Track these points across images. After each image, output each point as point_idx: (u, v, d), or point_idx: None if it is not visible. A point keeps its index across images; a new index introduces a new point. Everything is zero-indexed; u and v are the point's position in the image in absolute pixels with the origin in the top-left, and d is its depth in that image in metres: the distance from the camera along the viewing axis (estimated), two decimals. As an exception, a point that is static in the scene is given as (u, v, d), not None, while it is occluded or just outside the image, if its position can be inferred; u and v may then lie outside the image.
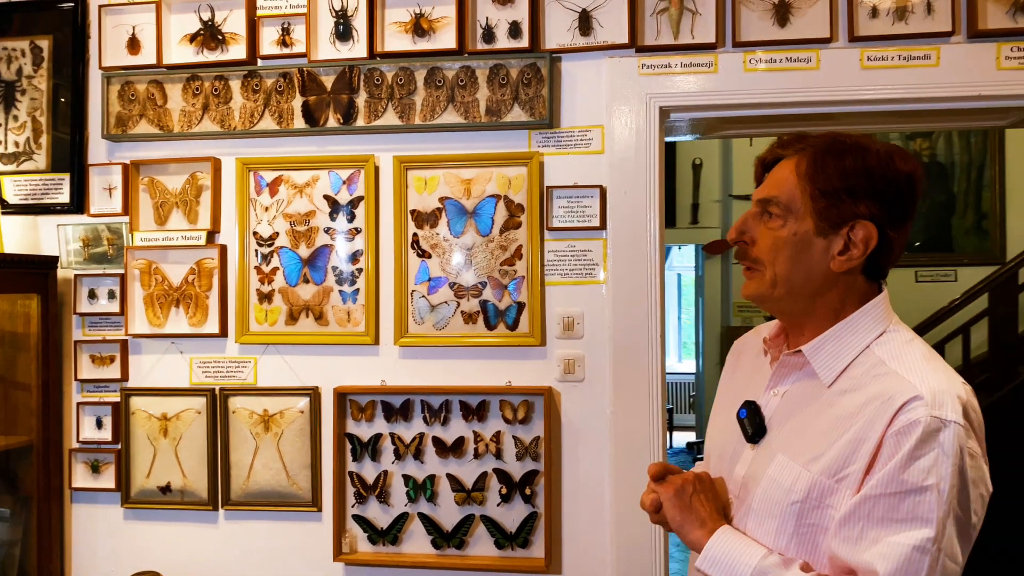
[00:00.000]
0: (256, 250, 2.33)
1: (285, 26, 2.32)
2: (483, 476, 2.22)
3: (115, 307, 2.38)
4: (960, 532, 1.02)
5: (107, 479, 2.38)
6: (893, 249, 1.15)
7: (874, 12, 2.10)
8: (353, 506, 2.27)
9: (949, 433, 1.01)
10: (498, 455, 2.21)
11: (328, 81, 2.29)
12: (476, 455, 2.22)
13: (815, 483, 1.09)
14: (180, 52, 2.37)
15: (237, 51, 2.34)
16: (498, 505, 2.21)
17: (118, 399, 2.38)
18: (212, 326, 2.34)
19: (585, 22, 2.20)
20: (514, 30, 2.23)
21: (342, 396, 2.26)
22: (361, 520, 2.26)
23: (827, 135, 1.17)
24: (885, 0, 2.10)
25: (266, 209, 2.33)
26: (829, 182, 1.13)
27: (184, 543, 2.36)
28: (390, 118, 2.27)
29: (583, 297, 2.20)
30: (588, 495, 2.20)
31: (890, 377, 1.08)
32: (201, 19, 2.35)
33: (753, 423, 1.21)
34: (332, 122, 2.28)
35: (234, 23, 2.34)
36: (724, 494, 1.25)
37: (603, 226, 2.19)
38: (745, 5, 2.15)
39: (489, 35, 2.24)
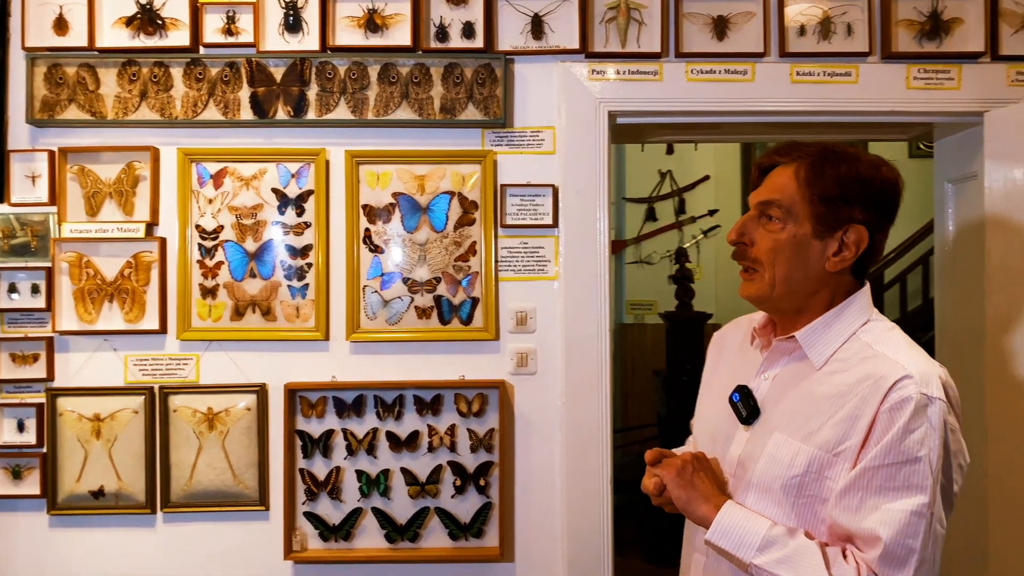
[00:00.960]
0: (199, 244, 2.26)
1: (230, 14, 2.26)
2: (437, 469, 2.25)
3: (39, 302, 2.24)
4: (945, 498, 1.15)
5: (30, 485, 2.24)
6: (878, 250, 1.28)
7: (802, 30, 2.28)
8: (304, 503, 2.24)
9: (935, 409, 1.13)
10: (452, 448, 2.25)
11: (278, 73, 2.25)
12: (430, 448, 2.25)
13: (814, 457, 1.19)
14: (114, 35, 2.26)
15: (178, 37, 2.26)
16: (452, 497, 2.25)
17: (43, 400, 2.24)
18: (151, 322, 2.24)
19: (537, 26, 2.27)
20: (468, 30, 2.27)
21: (292, 392, 2.23)
22: (312, 517, 2.23)
23: (819, 144, 1.29)
24: (811, 19, 2.28)
25: (210, 201, 2.26)
26: (827, 188, 1.23)
27: (118, 549, 2.25)
28: (342, 112, 2.25)
29: (536, 292, 2.27)
30: (540, 484, 2.27)
31: (879, 359, 1.19)
32: (138, 2, 2.25)
33: (747, 406, 1.30)
34: (282, 114, 2.25)
35: (175, 8, 2.26)
36: (720, 473, 1.35)
37: (555, 224, 2.26)
38: (687, 18, 2.28)
39: (443, 34, 2.27)
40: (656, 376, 5.24)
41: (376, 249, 2.27)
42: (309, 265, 2.27)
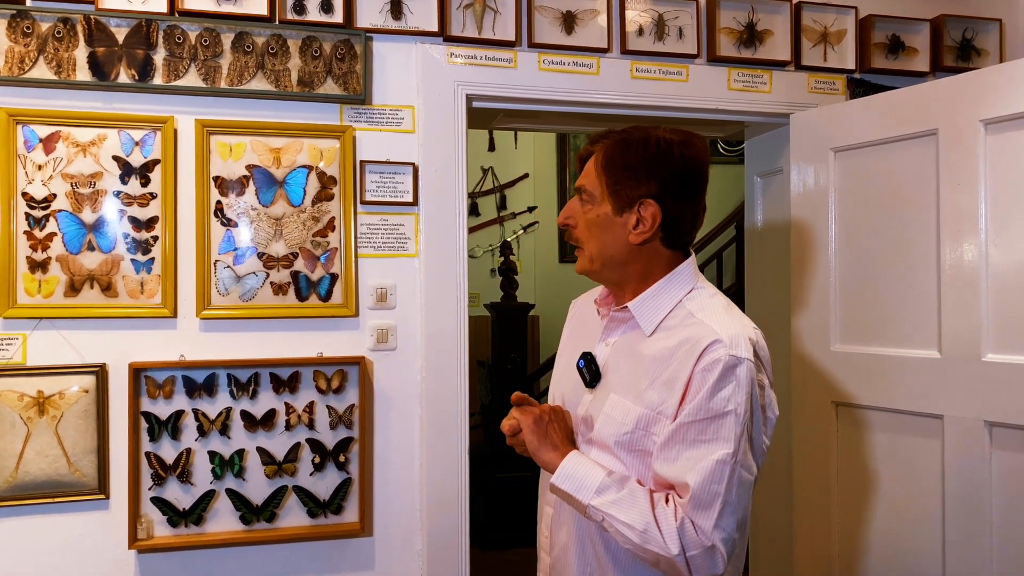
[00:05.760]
0: (27, 213, 2.07)
1: (64, -34, 2.09)
2: (295, 447, 2.21)
3: None
4: (753, 448, 1.30)
5: None
6: (683, 220, 1.40)
7: (640, 31, 2.48)
8: (150, 488, 2.12)
9: (743, 368, 1.26)
10: (311, 425, 2.22)
11: (120, 33, 2.11)
12: (288, 427, 2.21)
13: (641, 415, 1.33)
14: (-79, -22, 2.02)
15: (1, -14, 2.06)
16: (311, 475, 2.22)
17: None
18: (-32, 298, 2.03)
19: (396, 7, 2.30)
20: (326, 5, 2.25)
21: (137, 372, 2.11)
22: (160, 502, 2.12)
23: (623, 131, 1.42)
24: (648, 21, 2.49)
25: (40, 168, 2.08)
26: (616, 171, 1.38)
27: (-74, 552, 2.01)
28: (192, 79, 2.16)
29: (396, 269, 2.30)
30: (400, 458, 2.30)
31: (697, 325, 1.33)
32: (-48, -57, 2.03)
33: (590, 371, 1.44)
34: (125, 78, 2.11)
35: (-3, -46, 2.06)
36: (572, 427, 1.47)
37: (415, 202, 2.30)
38: (538, 11, 2.41)
39: (300, 7, 2.24)
40: (481, 366, 5.38)
41: (229, 223, 2.20)
42: (155, 238, 2.15)
